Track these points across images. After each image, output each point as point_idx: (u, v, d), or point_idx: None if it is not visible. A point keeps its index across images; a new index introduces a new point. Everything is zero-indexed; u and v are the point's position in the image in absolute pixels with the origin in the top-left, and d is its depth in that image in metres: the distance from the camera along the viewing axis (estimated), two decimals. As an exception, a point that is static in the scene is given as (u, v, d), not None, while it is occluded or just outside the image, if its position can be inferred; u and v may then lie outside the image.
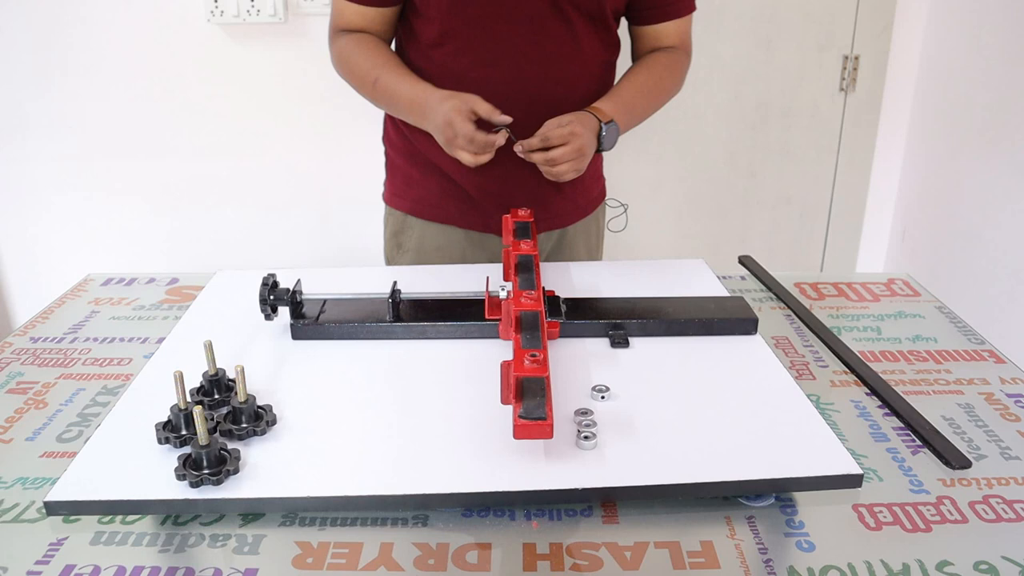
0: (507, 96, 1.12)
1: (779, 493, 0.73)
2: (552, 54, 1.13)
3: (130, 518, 0.70)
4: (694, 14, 1.23)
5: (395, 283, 0.98)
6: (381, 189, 1.36)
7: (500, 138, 1.03)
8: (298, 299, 0.96)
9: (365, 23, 1.17)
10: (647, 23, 1.20)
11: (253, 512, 0.71)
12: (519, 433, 0.69)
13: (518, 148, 1.05)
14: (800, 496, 0.73)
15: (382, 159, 1.35)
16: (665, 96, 1.22)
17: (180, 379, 0.75)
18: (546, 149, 1.04)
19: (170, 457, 0.73)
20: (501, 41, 1.11)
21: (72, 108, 2.17)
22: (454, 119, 1.01)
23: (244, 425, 0.76)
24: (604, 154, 1.19)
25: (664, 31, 1.21)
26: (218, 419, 0.78)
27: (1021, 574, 0.64)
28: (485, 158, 1.03)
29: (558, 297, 0.99)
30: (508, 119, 1.03)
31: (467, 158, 1.03)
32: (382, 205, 1.36)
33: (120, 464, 0.73)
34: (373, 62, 1.14)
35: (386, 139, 1.33)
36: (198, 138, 2.21)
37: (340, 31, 1.19)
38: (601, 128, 1.08)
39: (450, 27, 1.12)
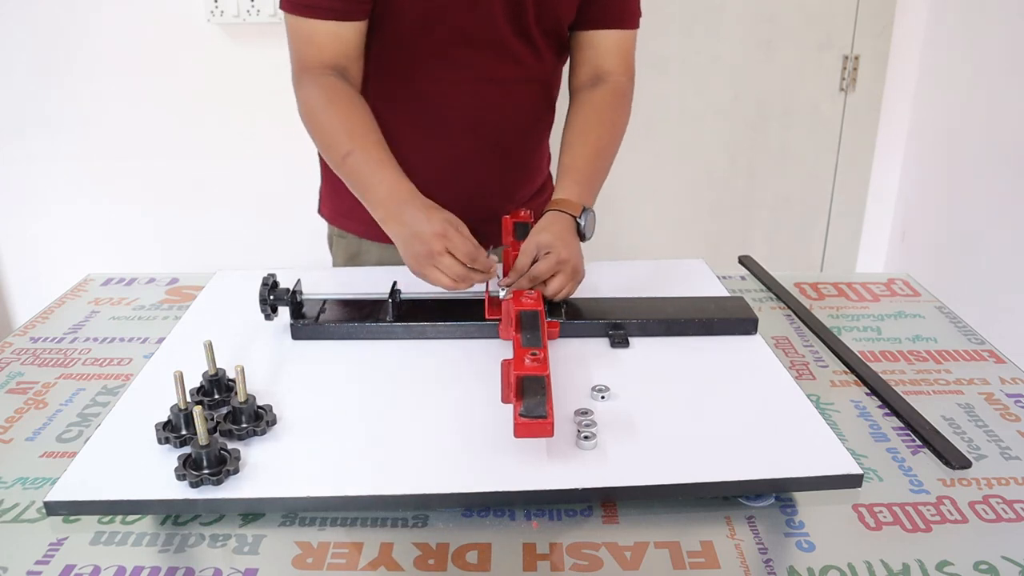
0: (471, 119, 1.12)
1: (779, 493, 0.73)
2: (516, 75, 1.12)
3: (130, 518, 0.70)
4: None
5: (395, 283, 0.98)
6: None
7: (495, 268, 0.94)
8: (298, 299, 0.96)
9: (340, 47, 1.04)
10: (588, 28, 1.14)
11: (253, 512, 0.70)
12: (520, 431, 0.69)
13: (503, 292, 0.95)
14: (800, 496, 0.73)
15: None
16: (620, 140, 1.15)
17: (180, 379, 0.75)
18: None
19: (170, 457, 0.72)
20: (466, 66, 1.09)
21: (72, 108, 2.17)
22: (451, 233, 0.91)
23: (244, 425, 0.76)
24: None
25: (605, 44, 1.14)
26: (218, 419, 0.78)
27: (1021, 574, 0.64)
28: (463, 286, 0.92)
29: (558, 297, 0.99)
30: (496, 261, 0.95)
31: (444, 280, 0.92)
32: None
33: (120, 464, 0.73)
34: (349, 131, 1.01)
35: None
36: (198, 138, 2.21)
37: (310, 69, 1.04)
38: (579, 224, 1.01)
39: (416, 51, 1.07)
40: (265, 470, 0.72)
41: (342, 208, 1.23)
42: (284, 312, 0.96)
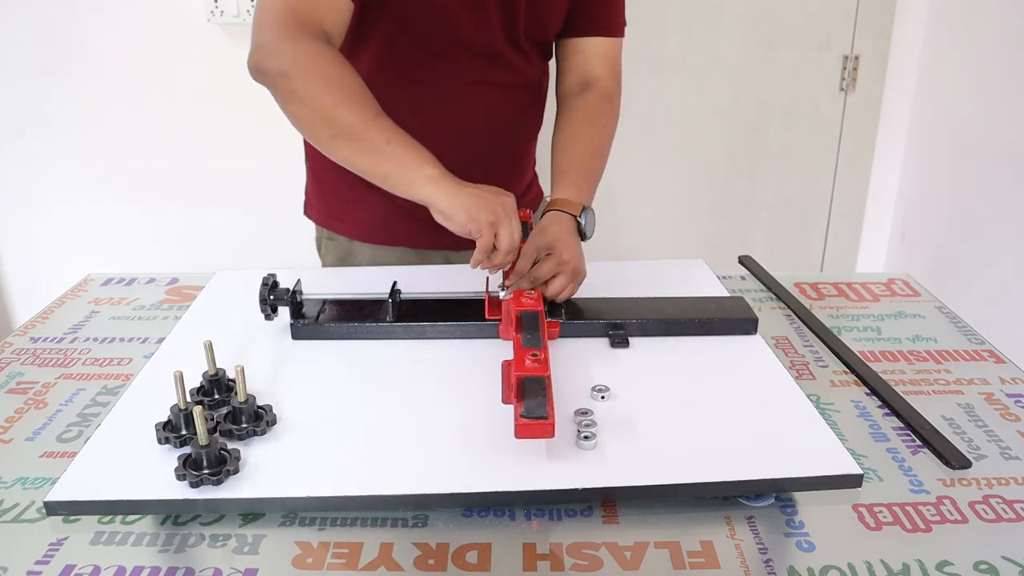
0: (468, 121, 1.13)
1: (779, 493, 0.73)
2: (509, 80, 1.13)
3: (130, 518, 0.70)
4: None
5: (395, 283, 0.98)
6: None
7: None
8: (298, 299, 0.96)
9: (337, 18, 0.96)
10: (576, 35, 1.16)
11: (253, 512, 0.70)
12: (520, 432, 0.69)
13: (505, 293, 0.93)
14: (800, 496, 0.73)
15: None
16: (610, 144, 1.16)
17: (180, 379, 0.75)
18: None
19: (170, 457, 0.72)
20: (464, 70, 1.10)
21: (72, 108, 2.17)
22: (513, 212, 0.89)
23: (244, 425, 0.76)
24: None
25: (593, 51, 1.16)
26: (218, 419, 0.78)
27: (1021, 574, 0.64)
28: (506, 258, 0.90)
29: (558, 297, 0.99)
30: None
31: (504, 239, 0.87)
32: None
33: (120, 464, 0.73)
34: (372, 97, 0.92)
35: (310, 155, 1.22)
36: (198, 138, 2.21)
37: (305, 26, 0.92)
38: (579, 223, 1.02)
39: (417, 54, 1.08)
40: (265, 470, 0.72)
41: (332, 210, 1.23)
42: (284, 312, 0.96)
